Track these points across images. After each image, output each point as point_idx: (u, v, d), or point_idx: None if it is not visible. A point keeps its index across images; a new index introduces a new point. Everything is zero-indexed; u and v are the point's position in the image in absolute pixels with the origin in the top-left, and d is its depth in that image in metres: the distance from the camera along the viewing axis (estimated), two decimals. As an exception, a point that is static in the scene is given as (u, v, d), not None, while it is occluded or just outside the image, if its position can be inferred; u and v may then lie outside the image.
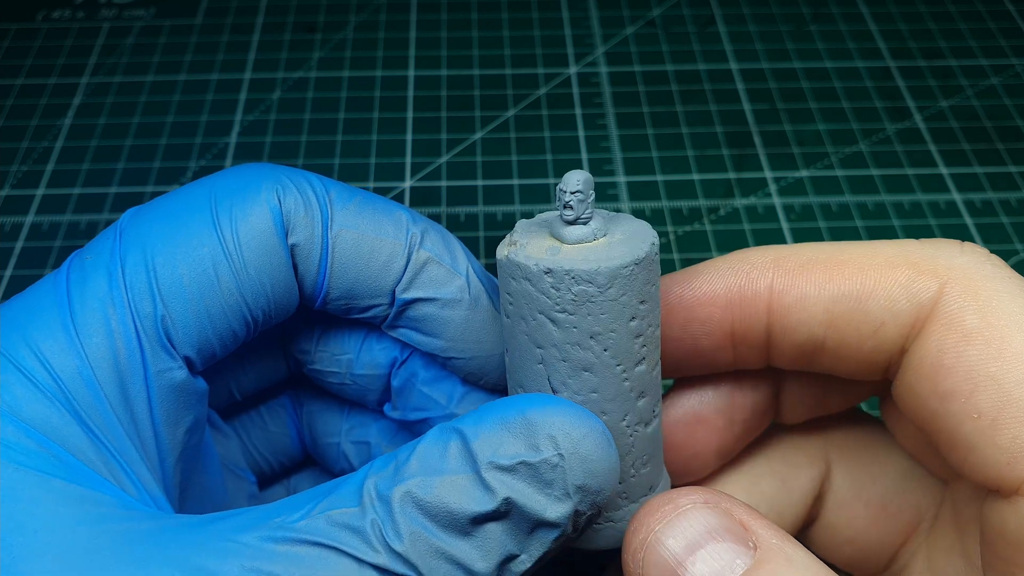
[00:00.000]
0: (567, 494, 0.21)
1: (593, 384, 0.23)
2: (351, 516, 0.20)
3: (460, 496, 0.20)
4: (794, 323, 0.24)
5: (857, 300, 0.24)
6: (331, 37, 0.63)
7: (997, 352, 0.22)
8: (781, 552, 0.21)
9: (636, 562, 0.22)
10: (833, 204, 0.51)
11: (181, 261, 0.23)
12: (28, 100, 0.58)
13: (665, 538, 0.22)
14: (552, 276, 0.22)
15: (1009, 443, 0.21)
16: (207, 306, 0.23)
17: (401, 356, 0.28)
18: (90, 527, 0.20)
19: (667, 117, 0.57)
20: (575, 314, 0.22)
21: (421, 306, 0.26)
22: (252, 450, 0.30)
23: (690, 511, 0.22)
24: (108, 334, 0.22)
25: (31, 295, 0.23)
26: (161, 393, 0.23)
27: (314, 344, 0.28)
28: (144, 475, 0.22)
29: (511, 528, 0.21)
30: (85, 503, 0.20)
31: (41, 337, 0.22)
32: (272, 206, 0.24)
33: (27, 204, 0.51)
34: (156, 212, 0.24)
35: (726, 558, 0.21)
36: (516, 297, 0.23)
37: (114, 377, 0.22)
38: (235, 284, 0.24)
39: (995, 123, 0.56)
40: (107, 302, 0.22)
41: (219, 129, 0.56)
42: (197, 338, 0.23)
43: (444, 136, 0.55)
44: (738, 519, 0.22)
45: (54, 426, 0.21)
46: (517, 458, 0.21)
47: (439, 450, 0.21)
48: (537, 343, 0.23)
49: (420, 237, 0.26)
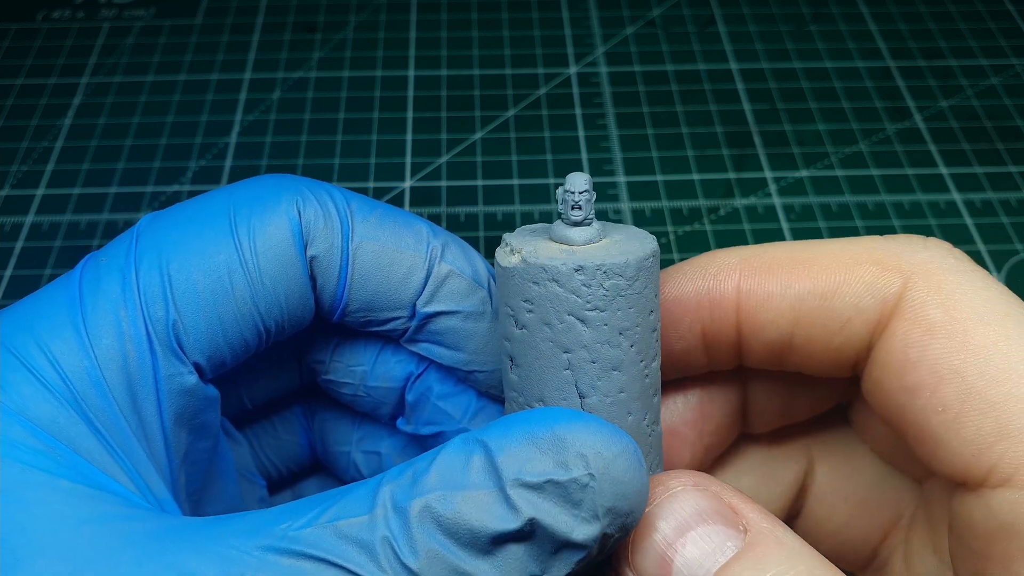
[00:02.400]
0: (596, 516, 0.20)
1: (621, 383, 0.23)
2: (360, 527, 0.19)
3: (482, 513, 0.19)
4: (762, 322, 0.25)
5: (823, 297, 0.24)
6: (331, 37, 0.63)
7: (960, 345, 0.22)
8: (772, 535, 0.21)
9: (626, 543, 0.22)
10: (833, 204, 0.51)
11: (196, 267, 0.23)
12: (28, 100, 0.58)
13: (655, 520, 0.22)
14: (583, 273, 0.22)
15: (973, 435, 0.21)
16: (219, 313, 0.23)
17: (417, 370, 0.28)
18: (94, 527, 0.20)
19: (667, 117, 0.57)
20: (606, 310, 0.22)
21: (443, 319, 0.26)
22: (262, 456, 0.30)
23: (680, 494, 0.22)
24: (119, 336, 0.22)
25: (43, 295, 0.23)
26: (170, 397, 0.23)
27: (329, 354, 0.28)
28: (151, 477, 0.22)
29: (534, 549, 0.20)
30: (90, 503, 0.20)
31: (51, 337, 0.22)
32: (291, 217, 0.24)
33: (27, 204, 0.51)
34: (174, 218, 0.24)
35: (716, 541, 0.21)
36: (539, 302, 0.22)
37: (123, 379, 0.22)
38: (249, 293, 0.23)
39: (995, 123, 0.56)
40: (119, 304, 0.22)
41: (219, 129, 0.56)
42: (208, 345, 0.23)
43: (444, 136, 0.55)
44: (728, 503, 0.22)
45: (61, 426, 0.21)
46: (545, 476, 0.19)
47: (461, 462, 0.20)
48: (564, 347, 0.23)
49: (441, 250, 0.26)
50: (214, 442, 0.25)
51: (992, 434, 0.21)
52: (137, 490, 0.22)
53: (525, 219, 0.50)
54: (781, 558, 0.20)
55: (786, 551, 0.20)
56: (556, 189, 0.24)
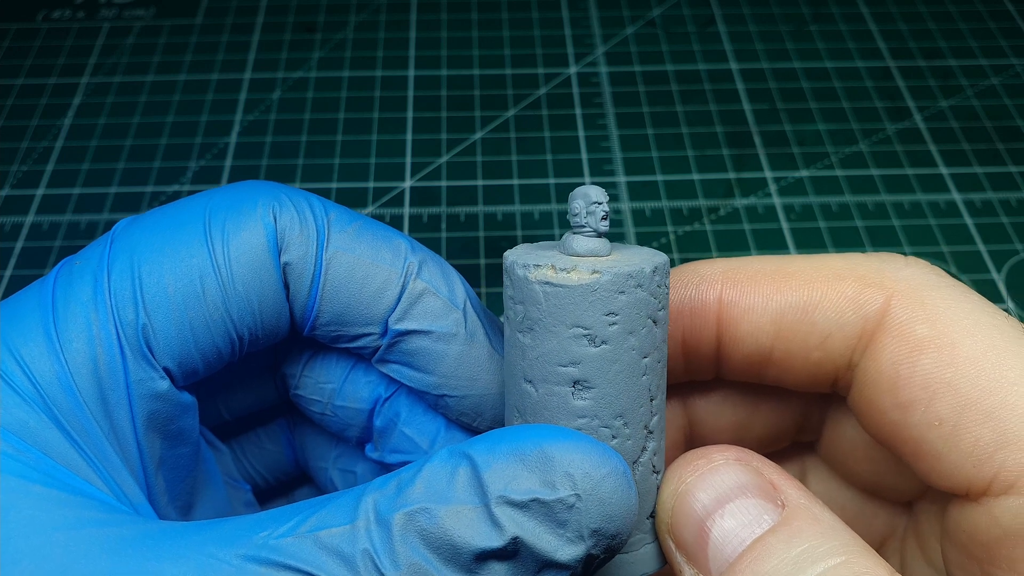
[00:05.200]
0: (581, 537, 0.19)
1: (662, 384, 0.23)
2: (342, 538, 0.19)
3: (466, 529, 0.19)
4: (742, 334, 0.25)
5: (804, 311, 0.24)
6: (331, 37, 0.63)
7: (949, 358, 0.22)
8: (809, 511, 0.21)
9: (666, 510, 0.23)
10: (833, 204, 0.51)
11: (168, 271, 0.23)
12: (28, 100, 0.58)
13: (696, 490, 0.22)
14: (658, 274, 0.22)
15: (972, 446, 0.21)
16: (190, 318, 0.23)
17: (385, 393, 0.27)
18: (67, 532, 0.19)
19: (667, 117, 0.57)
20: (665, 308, 0.23)
21: (414, 339, 0.25)
22: (247, 465, 0.30)
23: (722, 467, 0.22)
24: (89, 340, 0.22)
25: (17, 299, 0.23)
26: (141, 401, 0.22)
27: (301, 368, 0.28)
28: (125, 481, 0.22)
29: (517, 568, 0.19)
30: (65, 508, 0.20)
31: (22, 341, 0.22)
32: (266, 223, 0.24)
33: (27, 204, 0.51)
34: (149, 222, 0.24)
35: (754, 513, 0.21)
36: (625, 311, 0.22)
37: (94, 383, 0.22)
38: (221, 298, 0.23)
39: (995, 123, 0.56)
40: (91, 308, 0.22)
41: (219, 129, 0.56)
42: (178, 350, 0.23)
43: (444, 136, 0.55)
44: (768, 478, 0.22)
45: (33, 430, 0.21)
46: (531, 494, 0.19)
47: (447, 475, 0.20)
48: (644, 352, 0.22)
49: (418, 267, 0.25)
50: (195, 448, 0.25)
51: (991, 443, 0.21)
52: (112, 494, 0.21)
53: (525, 219, 0.50)
54: (816, 533, 0.20)
55: (821, 527, 0.21)
56: (572, 202, 0.24)
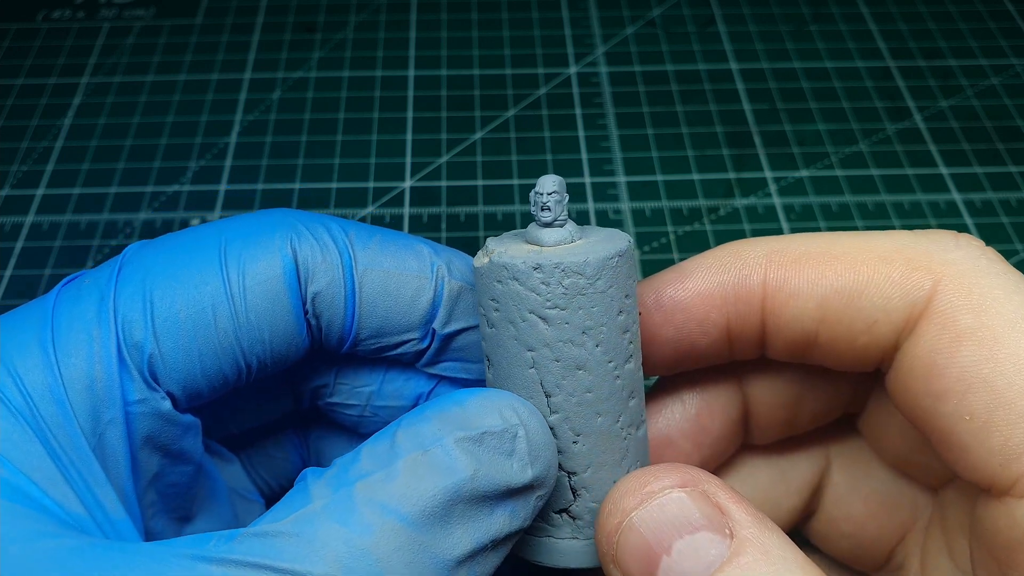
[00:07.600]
0: (527, 464, 0.22)
1: (587, 383, 0.23)
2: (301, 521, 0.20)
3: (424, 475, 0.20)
4: (788, 319, 0.24)
5: (850, 296, 0.24)
6: (331, 37, 0.63)
7: (989, 353, 0.21)
8: (758, 543, 0.20)
9: (611, 545, 0.22)
10: (833, 204, 0.51)
11: (180, 296, 0.23)
12: (28, 100, 0.58)
13: (640, 525, 0.21)
14: (541, 271, 0.22)
15: (1001, 446, 0.21)
16: (199, 344, 0.23)
17: (427, 388, 0.28)
18: (23, 545, 0.19)
19: (667, 117, 0.57)
20: (566, 308, 0.22)
21: (464, 336, 0.26)
22: (254, 474, 0.30)
23: (667, 499, 0.21)
24: (88, 356, 0.22)
25: (16, 314, 0.23)
26: (140, 420, 0.22)
27: (332, 378, 0.28)
28: (107, 495, 0.22)
29: (479, 504, 0.21)
30: (23, 521, 0.20)
31: (16, 353, 0.22)
32: (284, 255, 0.24)
33: (27, 204, 0.51)
34: (163, 247, 0.24)
35: (703, 548, 0.21)
36: (503, 300, 0.23)
37: (88, 399, 0.22)
38: (232, 327, 0.23)
39: (995, 123, 0.56)
40: (94, 325, 0.22)
41: (219, 129, 0.56)
42: (184, 375, 0.23)
43: (444, 136, 0.55)
44: (715, 502, 0.21)
45: (12, 441, 0.21)
46: (481, 428, 0.21)
47: (386, 444, 0.21)
48: (528, 345, 0.23)
49: (447, 268, 0.25)
50: (196, 467, 0.25)
51: (1020, 445, 0.21)
52: (85, 508, 0.21)
53: (525, 219, 0.50)
54: (765, 569, 0.20)
55: (771, 560, 0.20)
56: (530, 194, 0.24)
